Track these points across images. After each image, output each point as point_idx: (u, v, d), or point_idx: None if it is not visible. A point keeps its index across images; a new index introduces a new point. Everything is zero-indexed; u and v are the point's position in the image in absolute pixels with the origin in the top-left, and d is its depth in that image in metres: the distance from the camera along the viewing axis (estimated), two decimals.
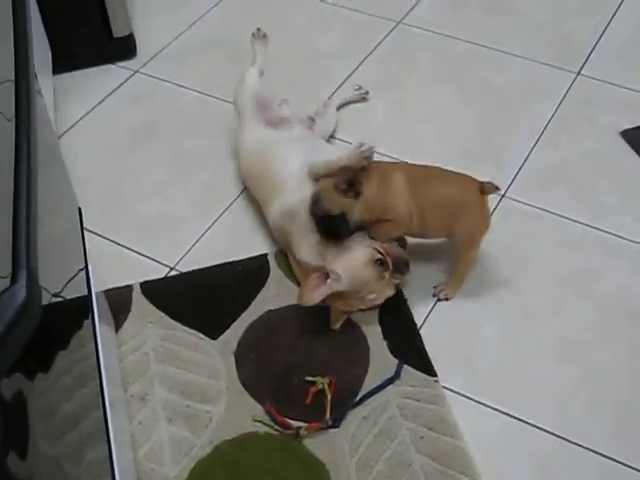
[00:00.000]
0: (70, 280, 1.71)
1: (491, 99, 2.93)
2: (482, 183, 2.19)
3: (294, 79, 3.02)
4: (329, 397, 2.04)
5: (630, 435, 2.02)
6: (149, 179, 2.67)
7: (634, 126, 2.80)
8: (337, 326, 2.21)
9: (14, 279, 0.92)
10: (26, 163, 1.15)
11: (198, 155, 2.75)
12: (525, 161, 2.68)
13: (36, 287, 0.92)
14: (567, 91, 2.95)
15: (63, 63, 3.00)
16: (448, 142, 2.77)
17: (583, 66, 3.05)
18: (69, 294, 1.67)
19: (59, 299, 1.52)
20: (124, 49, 3.14)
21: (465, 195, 2.20)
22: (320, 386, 2.07)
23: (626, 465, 1.96)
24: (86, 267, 1.94)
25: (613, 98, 2.93)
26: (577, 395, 2.09)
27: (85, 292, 1.88)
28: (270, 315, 2.26)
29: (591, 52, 3.11)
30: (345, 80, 3.01)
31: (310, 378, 2.09)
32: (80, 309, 1.77)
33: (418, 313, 2.26)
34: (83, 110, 2.92)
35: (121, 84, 3.04)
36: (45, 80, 2.69)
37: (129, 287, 2.33)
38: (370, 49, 3.15)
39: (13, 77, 1.35)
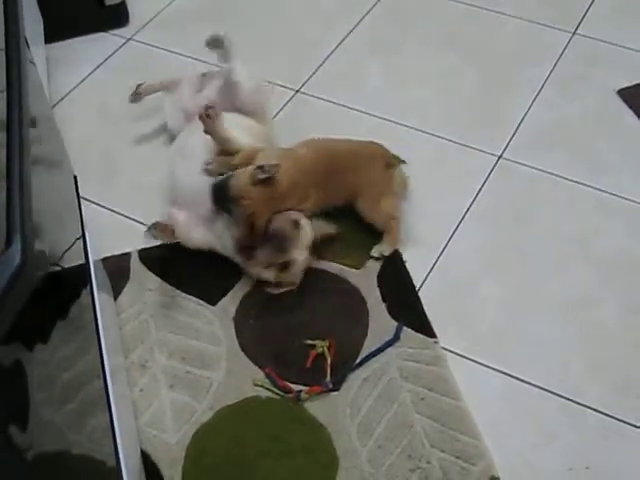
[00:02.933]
0: (67, 249, 1.71)
1: (487, 60, 2.92)
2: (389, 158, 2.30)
3: (288, 40, 3.01)
4: (329, 360, 2.05)
5: (630, 392, 2.03)
6: (143, 146, 2.67)
7: (631, 84, 2.79)
8: (275, 291, 2.22)
9: (8, 243, 0.92)
10: (18, 130, 1.14)
11: None
12: (522, 122, 2.68)
13: (31, 251, 0.92)
14: (563, 51, 2.94)
15: (55, 32, 2.98)
16: (445, 104, 2.76)
17: (579, 25, 3.03)
18: (67, 263, 1.67)
19: (57, 268, 1.52)
20: (116, 17, 3.12)
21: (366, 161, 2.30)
22: (320, 349, 2.07)
23: (626, 422, 1.97)
24: (83, 236, 1.93)
25: (609, 57, 2.92)
26: (577, 354, 2.10)
27: (83, 261, 1.87)
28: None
29: (587, 11, 3.09)
30: (340, 42, 2.99)
31: (310, 341, 2.10)
32: (78, 278, 1.77)
33: (417, 274, 2.25)
34: (77, 79, 2.91)
35: (114, 52, 3.02)
36: (37, 49, 2.67)
37: (127, 255, 2.33)
38: (365, 11, 3.13)
39: (4, 46, 1.34)
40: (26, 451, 1.06)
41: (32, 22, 2.65)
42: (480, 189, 2.47)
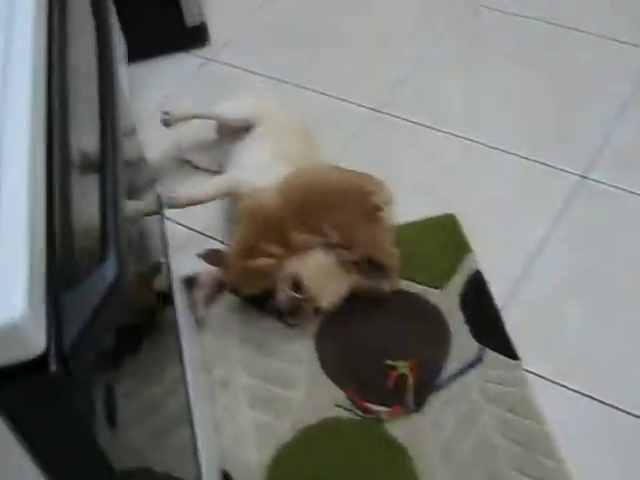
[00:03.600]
0: (153, 267, 1.72)
1: (568, 78, 2.87)
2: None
3: (367, 59, 3.01)
4: (411, 381, 2.03)
5: None
6: None
7: None
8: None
9: (103, 257, 0.92)
10: (112, 146, 1.16)
11: None
12: (605, 141, 2.63)
13: (126, 265, 0.93)
14: None
15: (136, 53, 3.01)
16: (524, 123, 2.73)
17: None
18: (152, 281, 1.68)
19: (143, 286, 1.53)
20: (196, 37, 3.14)
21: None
22: (402, 370, 2.05)
23: None
24: (166, 254, 1.95)
25: None
26: None
27: (166, 279, 1.89)
28: (350, 298, 2.23)
29: None
30: (419, 61, 2.98)
31: (391, 362, 2.08)
32: (162, 296, 1.78)
33: (500, 295, 2.23)
34: (157, 99, 2.94)
35: (194, 72, 3.05)
36: (121, 70, 2.70)
37: None
38: (444, 30, 3.11)
39: (96, 69, 1.36)
40: (116, 469, 1.06)
41: (116, 43, 2.68)
42: (564, 210, 2.43)
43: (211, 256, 2.20)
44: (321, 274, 2.15)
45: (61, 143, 1.07)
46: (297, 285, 2.13)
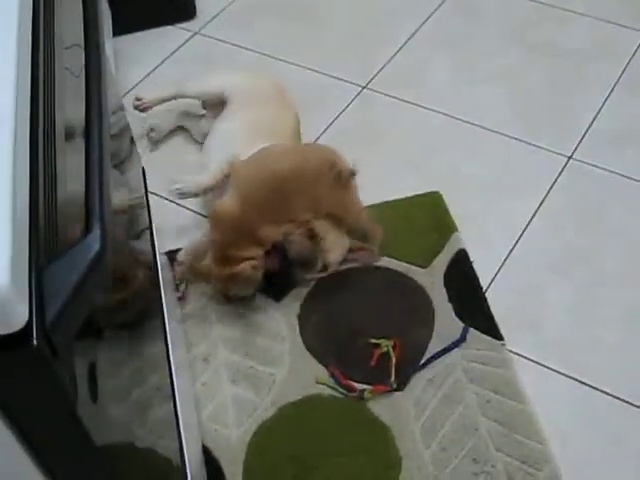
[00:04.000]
0: (136, 242, 1.71)
1: (557, 58, 2.87)
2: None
3: (355, 35, 3.00)
4: (394, 360, 2.02)
5: None
6: None
7: None
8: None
9: (88, 229, 0.91)
10: (97, 121, 1.14)
11: None
12: (593, 122, 2.63)
13: (110, 237, 0.92)
14: (636, 50, 2.87)
15: (123, 25, 2.98)
16: (513, 103, 2.72)
17: None
18: (135, 255, 1.67)
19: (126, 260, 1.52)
20: (183, 10, 3.12)
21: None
22: (384, 349, 2.05)
23: None
24: (150, 228, 1.94)
25: None
26: None
27: (150, 254, 1.87)
28: (333, 277, 2.23)
29: None
30: (408, 39, 2.97)
31: (374, 340, 2.07)
32: (145, 270, 1.77)
33: (484, 275, 2.22)
34: (143, 72, 2.91)
35: (180, 45, 3.02)
36: (107, 43, 2.67)
37: None
38: (434, 7, 3.09)
39: (82, 42, 1.35)
40: (99, 444, 1.05)
41: (102, 15, 2.65)
42: (549, 190, 2.43)
43: (192, 271, 2.19)
44: (331, 230, 2.16)
45: (45, 115, 1.06)
46: (312, 236, 2.13)
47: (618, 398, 1.98)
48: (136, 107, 2.56)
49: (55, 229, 0.95)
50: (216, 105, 2.51)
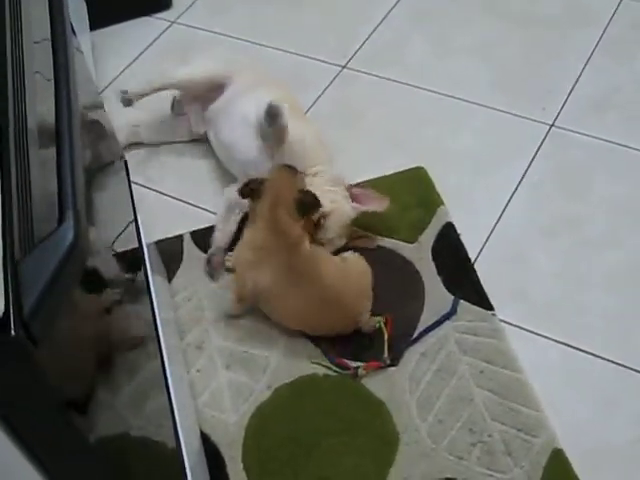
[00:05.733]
0: (121, 233, 1.71)
1: (534, 27, 2.87)
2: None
3: (332, 15, 3.00)
4: (386, 336, 2.03)
5: None
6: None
7: None
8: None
9: (61, 220, 0.92)
10: (67, 115, 1.14)
11: None
12: (573, 89, 2.63)
13: (83, 228, 0.92)
14: (612, 16, 2.87)
15: (99, 19, 2.97)
16: (492, 74, 2.72)
17: None
18: (120, 247, 1.67)
19: (111, 252, 1.52)
20: (159, 1, 3.11)
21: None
22: (377, 325, 2.05)
23: None
24: (135, 219, 1.94)
25: None
26: (638, 322, 2.06)
27: (136, 244, 1.88)
28: None
29: None
30: (385, 16, 2.96)
31: None
32: (132, 261, 1.77)
33: (471, 247, 2.23)
34: (122, 64, 2.91)
35: (158, 36, 3.02)
36: (83, 37, 2.67)
37: (180, 237, 2.33)
38: None
39: (49, 36, 1.35)
40: (88, 434, 1.06)
41: (77, 9, 2.65)
42: (533, 159, 2.43)
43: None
44: (340, 225, 2.19)
45: (16, 109, 1.06)
46: (318, 224, 2.15)
47: (610, 361, 1.99)
48: (121, 100, 2.53)
49: (30, 221, 0.95)
50: (205, 92, 2.51)
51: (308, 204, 2.06)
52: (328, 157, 2.29)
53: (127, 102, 2.52)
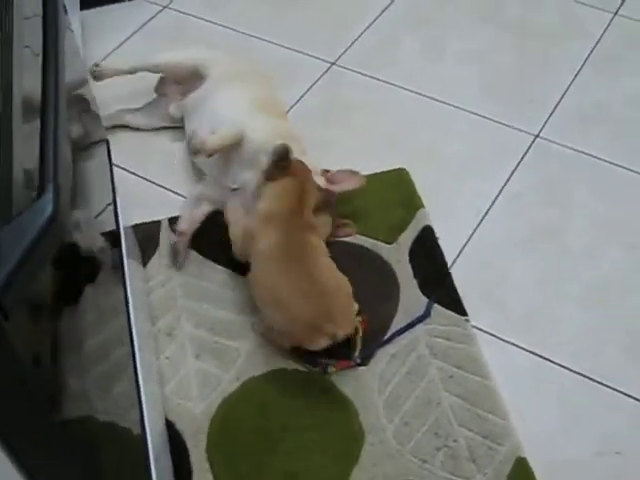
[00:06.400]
0: (98, 214, 1.70)
1: (527, 37, 2.87)
2: None
3: (324, 12, 2.99)
4: (360, 334, 2.02)
5: None
6: None
7: None
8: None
9: (40, 193, 0.91)
10: (54, 90, 1.13)
11: None
12: (560, 101, 2.64)
13: (63, 201, 0.91)
14: (604, 32, 2.88)
15: None
16: (482, 81, 2.73)
17: (620, 6, 2.98)
18: (98, 228, 1.66)
19: (88, 232, 1.51)
20: None
21: None
22: (355, 324, 2.04)
23: None
24: (114, 202, 1.93)
25: None
26: (610, 338, 2.07)
27: (114, 227, 1.86)
28: None
29: None
30: (378, 15, 2.96)
31: None
32: (109, 243, 1.76)
33: (449, 251, 2.23)
34: (112, 46, 2.89)
35: (150, 19, 3.00)
36: (73, 16, 2.65)
37: (157, 222, 2.32)
38: None
39: (41, 12, 1.33)
40: (54, 413, 1.05)
41: None
42: (515, 168, 2.44)
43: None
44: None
45: (3, 80, 1.05)
46: None
47: (580, 374, 1.99)
48: (92, 73, 2.50)
49: (10, 193, 0.94)
50: (185, 79, 2.49)
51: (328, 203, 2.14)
52: (300, 150, 2.27)
53: (98, 76, 2.50)
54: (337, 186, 2.20)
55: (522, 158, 2.46)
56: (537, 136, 2.53)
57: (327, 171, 2.23)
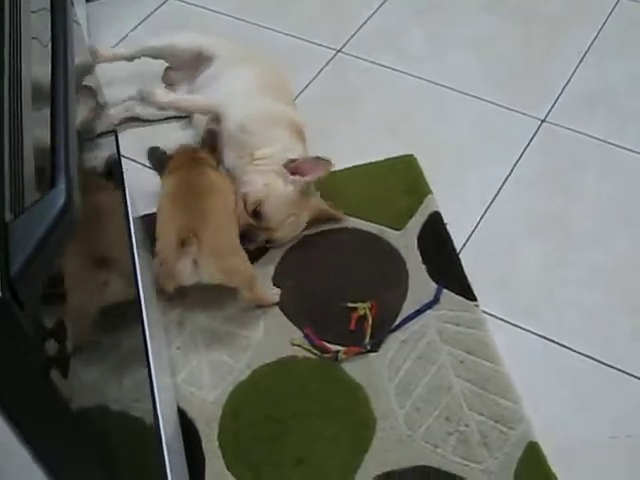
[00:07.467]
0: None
1: (532, 23, 2.87)
2: None
3: (329, 1, 2.99)
4: (370, 321, 2.03)
5: None
6: None
7: None
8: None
9: (53, 184, 0.91)
10: (63, 81, 1.13)
11: None
12: (566, 85, 2.63)
13: (75, 192, 0.91)
14: (609, 15, 2.87)
15: None
16: (487, 67, 2.72)
17: None
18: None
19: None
20: None
21: None
22: (362, 311, 2.05)
23: None
24: (124, 193, 1.93)
25: None
26: (620, 322, 2.07)
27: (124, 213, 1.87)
28: (306, 240, 2.24)
29: None
30: (383, 2, 2.96)
31: (352, 304, 2.07)
32: (119, 227, 1.77)
33: (458, 237, 2.23)
34: (116, 37, 2.89)
35: (154, 11, 3.00)
36: (79, 7, 2.65)
37: None
38: None
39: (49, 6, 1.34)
40: (70, 401, 1.05)
41: None
42: (523, 153, 2.44)
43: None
44: (282, 206, 2.16)
45: (11, 71, 1.05)
46: (257, 213, 2.13)
47: (590, 357, 2.00)
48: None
49: (22, 184, 0.95)
50: (190, 63, 2.50)
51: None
52: (290, 139, 2.28)
53: (93, 57, 2.50)
54: (307, 177, 2.18)
55: (529, 143, 2.46)
56: (544, 120, 2.52)
57: (293, 161, 2.20)
